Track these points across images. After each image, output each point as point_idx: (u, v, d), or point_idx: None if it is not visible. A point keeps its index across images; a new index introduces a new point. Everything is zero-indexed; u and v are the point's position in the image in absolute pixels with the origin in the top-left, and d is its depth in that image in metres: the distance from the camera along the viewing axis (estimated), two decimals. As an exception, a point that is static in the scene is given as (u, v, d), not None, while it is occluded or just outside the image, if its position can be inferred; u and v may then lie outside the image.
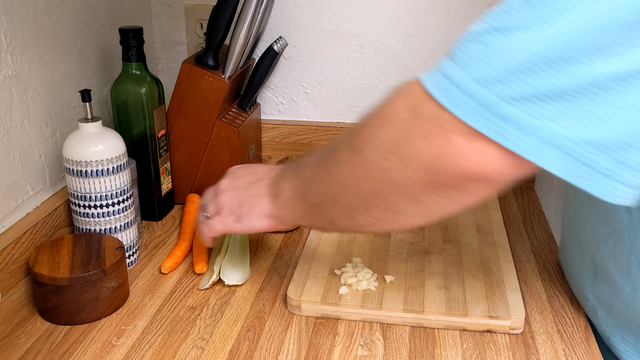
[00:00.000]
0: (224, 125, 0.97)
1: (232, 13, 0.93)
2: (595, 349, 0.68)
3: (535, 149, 0.43)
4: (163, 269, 0.81)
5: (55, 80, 0.85)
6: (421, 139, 0.48)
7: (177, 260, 0.83)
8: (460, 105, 0.45)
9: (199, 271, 0.81)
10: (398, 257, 0.82)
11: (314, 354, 0.67)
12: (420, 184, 0.50)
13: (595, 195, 0.44)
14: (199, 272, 0.81)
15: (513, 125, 0.43)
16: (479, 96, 0.44)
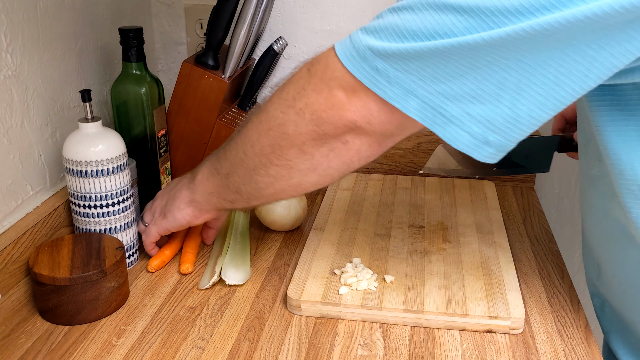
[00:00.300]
0: (224, 125, 0.97)
1: (232, 13, 0.93)
2: (595, 349, 0.68)
3: (400, 97, 0.53)
4: (150, 268, 0.81)
5: (55, 80, 0.85)
6: (312, 93, 0.56)
7: (165, 259, 0.83)
8: (349, 57, 0.53)
9: (184, 271, 0.81)
10: (398, 257, 0.83)
11: (314, 354, 0.67)
12: (309, 135, 0.58)
13: (446, 141, 0.53)
14: (184, 272, 0.81)
15: (384, 77, 0.52)
16: (362, 50, 0.53)
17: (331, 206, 0.98)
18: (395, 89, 0.52)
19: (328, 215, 0.95)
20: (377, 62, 0.52)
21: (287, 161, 0.61)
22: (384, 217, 0.94)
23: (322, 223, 0.92)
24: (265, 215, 0.91)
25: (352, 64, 0.53)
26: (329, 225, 0.92)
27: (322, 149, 0.58)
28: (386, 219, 0.93)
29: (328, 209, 0.97)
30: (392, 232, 0.90)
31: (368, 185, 1.06)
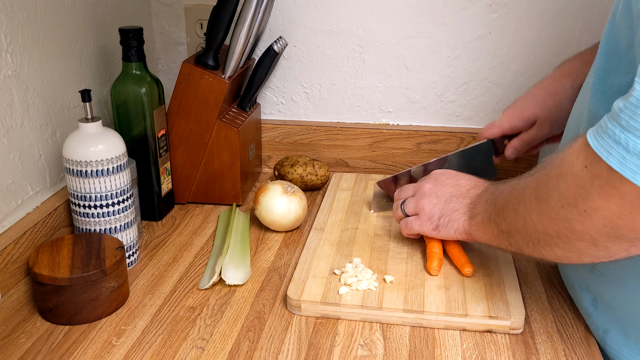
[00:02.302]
0: (224, 125, 0.97)
1: (232, 13, 0.93)
2: (595, 349, 0.68)
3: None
4: (432, 271, 0.78)
5: (55, 80, 0.85)
6: (598, 197, 0.52)
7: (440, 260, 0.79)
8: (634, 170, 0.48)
9: (467, 274, 0.78)
10: (398, 257, 0.83)
11: (314, 354, 0.67)
12: (602, 235, 0.54)
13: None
14: (467, 274, 0.78)
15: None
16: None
17: (331, 206, 0.98)
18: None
19: (328, 215, 0.95)
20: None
21: (577, 249, 0.57)
22: (384, 217, 0.94)
23: (322, 223, 0.92)
24: (265, 215, 0.91)
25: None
26: (329, 225, 0.92)
27: (620, 244, 0.54)
28: (386, 219, 0.93)
29: (328, 209, 0.97)
30: (392, 232, 0.90)
31: (368, 185, 1.06)
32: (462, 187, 0.77)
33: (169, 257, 0.86)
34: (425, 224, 0.79)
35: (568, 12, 1.01)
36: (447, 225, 0.76)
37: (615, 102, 0.51)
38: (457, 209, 0.76)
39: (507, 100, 1.09)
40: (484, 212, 0.70)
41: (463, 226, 0.75)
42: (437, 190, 0.79)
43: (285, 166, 1.05)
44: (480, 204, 0.72)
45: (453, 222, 0.76)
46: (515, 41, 1.05)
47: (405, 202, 0.82)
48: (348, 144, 1.13)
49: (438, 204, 0.78)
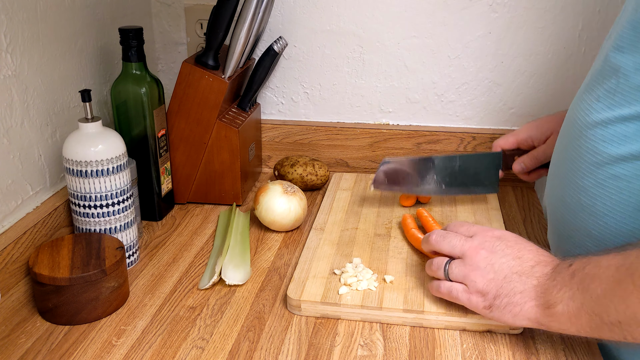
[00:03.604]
0: (224, 125, 0.97)
1: (232, 13, 0.93)
2: (595, 349, 0.68)
3: None
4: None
5: (55, 80, 0.85)
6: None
7: None
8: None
9: None
10: (398, 257, 0.83)
11: (314, 354, 0.67)
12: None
13: None
14: None
15: None
16: None
17: (331, 206, 0.98)
18: None
19: (328, 215, 0.95)
20: None
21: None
22: (384, 217, 0.94)
23: (322, 223, 0.92)
24: (265, 215, 0.91)
25: None
26: (329, 225, 0.92)
27: None
28: (386, 219, 0.93)
29: (328, 209, 0.97)
30: (392, 232, 0.90)
31: (368, 185, 1.06)
32: (524, 261, 0.65)
33: (169, 257, 0.86)
34: (475, 300, 0.67)
35: (569, 11, 1.01)
36: (504, 308, 0.64)
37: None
38: (520, 292, 0.64)
39: (507, 100, 1.09)
40: (569, 300, 0.59)
41: (528, 313, 0.63)
42: (494, 261, 0.66)
43: (285, 166, 1.05)
44: (557, 288, 0.61)
45: (513, 306, 0.64)
46: (515, 41, 1.05)
47: (451, 264, 0.69)
48: (348, 144, 1.13)
49: (495, 280, 0.65)
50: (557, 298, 0.60)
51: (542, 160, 0.91)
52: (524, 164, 0.92)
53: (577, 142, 0.67)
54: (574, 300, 0.59)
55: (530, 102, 1.08)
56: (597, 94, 0.65)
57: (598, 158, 0.64)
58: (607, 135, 0.63)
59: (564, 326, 0.61)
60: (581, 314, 0.58)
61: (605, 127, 0.63)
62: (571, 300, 0.59)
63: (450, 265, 0.69)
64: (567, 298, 0.59)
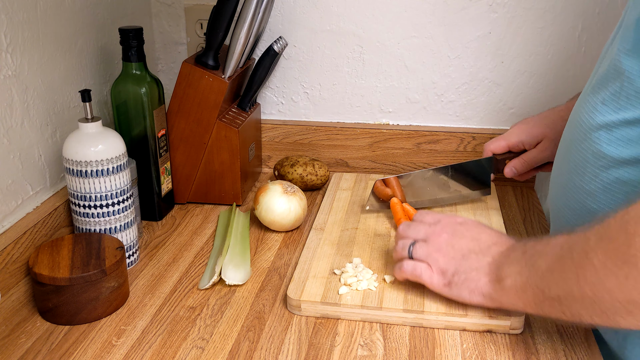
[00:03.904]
0: (224, 125, 0.97)
1: (232, 13, 0.93)
2: (595, 349, 0.68)
3: None
4: None
5: (55, 80, 0.85)
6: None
7: None
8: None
9: None
10: (398, 257, 0.83)
11: (314, 354, 0.67)
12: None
13: None
14: None
15: None
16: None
17: (331, 206, 0.98)
18: None
19: (328, 215, 0.95)
20: None
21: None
22: (384, 217, 0.94)
23: (322, 223, 0.92)
24: (265, 215, 0.91)
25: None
26: (329, 225, 0.92)
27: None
28: (386, 219, 0.93)
29: (328, 209, 0.97)
30: (392, 232, 0.90)
31: (368, 185, 1.06)
32: (482, 242, 0.70)
33: (169, 257, 0.86)
34: (436, 279, 0.70)
35: (569, 12, 1.01)
36: (461, 285, 0.68)
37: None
38: (476, 268, 0.68)
39: (507, 100, 1.09)
40: (517, 275, 0.63)
41: (482, 288, 0.67)
42: (454, 242, 0.71)
43: (285, 166, 1.05)
44: (508, 264, 0.64)
45: (469, 281, 0.68)
46: (515, 41, 1.05)
47: (415, 245, 0.73)
48: (348, 144, 1.13)
49: (454, 258, 0.70)
50: (507, 273, 0.64)
51: (533, 165, 0.91)
52: (515, 169, 0.92)
53: (582, 145, 0.67)
54: (521, 275, 0.62)
55: (530, 102, 1.08)
56: (603, 96, 0.64)
57: (603, 161, 0.64)
58: (612, 138, 0.63)
59: (512, 300, 0.64)
60: (527, 288, 0.61)
61: (610, 131, 0.63)
62: (519, 275, 0.62)
63: (415, 246, 0.73)
64: (515, 273, 0.63)
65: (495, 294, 0.66)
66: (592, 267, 0.54)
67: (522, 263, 0.63)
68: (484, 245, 0.69)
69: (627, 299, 0.52)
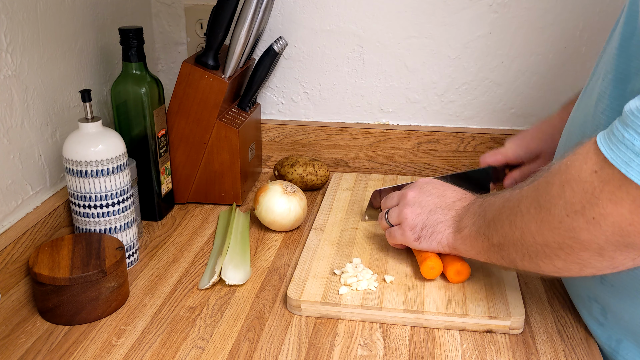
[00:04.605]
0: (224, 125, 0.97)
1: (232, 13, 0.93)
2: (595, 349, 0.68)
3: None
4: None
5: (55, 80, 0.85)
6: (609, 203, 0.49)
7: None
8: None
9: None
10: (398, 257, 0.82)
11: (314, 354, 0.67)
12: (610, 243, 0.51)
13: None
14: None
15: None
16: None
17: (331, 206, 0.98)
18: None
19: (328, 215, 0.95)
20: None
21: (580, 260, 0.55)
22: (384, 217, 0.94)
23: (322, 223, 0.92)
24: (265, 215, 0.91)
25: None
26: (329, 225, 0.92)
27: (628, 254, 0.52)
28: None
29: (328, 209, 0.97)
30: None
31: (368, 185, 1.06)
32: (447, 198, 0.75)
33: (169, 257, 0.86)
34: (407, 234, 0.76)
35: (569, 11, 1.01)
36: (429, 237, 0.74)
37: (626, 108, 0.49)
38: (442, 221, 0.73)
39: (507, 100, 1.09)
40: (472, 225, 0.69)
41: (447, 239, 0.73)
42: (422, 199, 0.76)
43: (285, 166, 1.05)
44: (467, 216, 0.70)
45: (436, 234, 0.73)
46: (516, 41, 1.05)
47: (389, 211, 0.79)
48: (348, 144, 1.13)
49: (421, 214, 0.75)
50: (465, 224, 0.70)
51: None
52: (514, 181, 0.91)
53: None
54: (475, 225, 0.68)
55: (530, 102, 1.08)
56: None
57: None
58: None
59: (468, 248, 0.70)
60: (478, 236, 0.67)
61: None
62: (473, 225, 0.68)
63: (389, 212, 0.79)
64: (471, 224, 0.69)
65: (456, 243, 0.72)
66: (521, 213, 0.59)
67: (476, 214, 0.68)
68: (450, 201, 0.75)
69: (544, 242, 0.57)
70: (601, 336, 0.69)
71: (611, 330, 0.67)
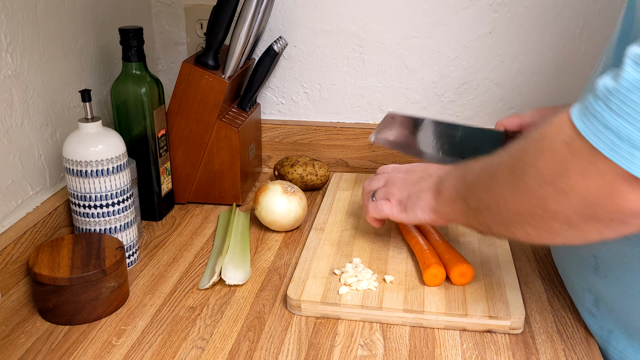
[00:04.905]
0: (224, 125, 0.97)
1: (232, 13, 0.93)
2: (595, 349, 0.68)
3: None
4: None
5: (55, 80, 0.85)
6: (578, 175, 0.50)
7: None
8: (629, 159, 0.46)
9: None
10: (398, 257, 0.82)
11: (314, 354, 0.67)
12: (578, 215, 0.52)
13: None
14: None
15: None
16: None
17: (331, 206, 0.98)
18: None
19: (328, 215, 0.95)
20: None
21: (549, 229, 0.56)
22: (384, 217, 0.94)
23: (322, 223, 0.92)
24: (265, 215, 0.91)
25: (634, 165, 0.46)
26: (329, 225, 0.92)
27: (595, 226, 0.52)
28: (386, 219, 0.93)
29: (328, 209, 0.97)
30: (392, 232, 0.90)
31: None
32: (430, 172, 0.77)
33: (169, 257, 0.86)
34: (395, 208, 0.77)
35: (569, 10, 1.01)
36: (414, 205, 0.75)
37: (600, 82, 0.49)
38: (424, 189, 0.75)
39: (507, 100, 1.09)
40: (452, 187, 0.69)
41: (429, 203, 0.73)
42: (407, 177, 0.79)
43: (285, 166, 1.05)
44: (448, 179, 0.71)
45: (420, 201, 0.74)
46: (516, 40, 1.05)
47: (376, 193, 0.81)
48: (348, 144, 1.13)
49: (407, 187, 0.77)
50: (445, 185, 0.71)
51: None
52: None
53: None
54: (454, 187, 0.69)
55: (530, 102, 1.08)
56: None
57: None
58: None
59: (447, 210, 0.70)
60: (457, 199, 0.68)
61: None
62: (453, 187, 0.69)
63: (377, 193, 0.81)
64: (451, 186, 0.70)
65: (437, 206, 0.72)
66: (497, 179, 0.59)
67: (457, 177, 0.69)
68: (432, 172, 0.76)
69: (516, 209, 0.57)
70: (593, 326, 0.70)
71: (602, 320, 0.68)
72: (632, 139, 0.46)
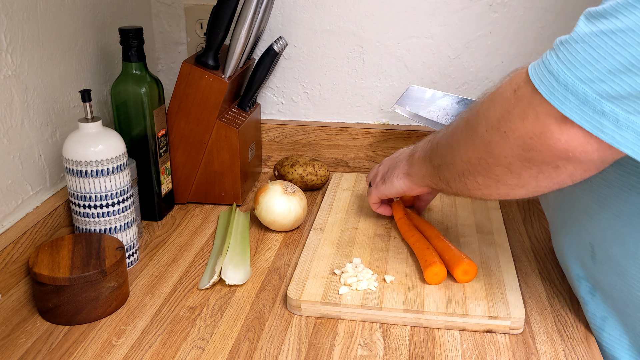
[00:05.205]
0: (224, 125, 0.97)
1: (232, 13, 0.93)
2: (595, 349, 0.68)
3: (631, 142, 0.48)
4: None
5: (55, 80, 0.85)
6: (517, 119, 0.54)
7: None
8: (562, 100, 0.50)
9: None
10: (398, 257, 0.83)
11: (314, 354, 0.67)
12: (516, 158, 0.56)
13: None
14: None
15: (611, 121, 0.48)
16: (581, 94, 0.49)
17: (331, 206, 0.98)
18: (627, 134, 0.48)
19: (328, 215, 0.95)
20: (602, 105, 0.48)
21: (495, 175, 0.60)
22: (384, 217, 0.94)
23: (322, 223, 0.92)
24: (265, 215, 0.91)
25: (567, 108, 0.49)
26: (329, 225, 0.92)
27: (530, 171, 0.56)
28: (386, 219, 0.93)
29: (328, 209, 0.97)
30: (392, 232, 0.90)
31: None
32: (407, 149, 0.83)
33: (169, 257, 0.86)
34: (379, 184, 0.85)
35: (569, 11, 1.01)
36: (392, 175, 0.81)
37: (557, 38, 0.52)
38: (402, 159, 0.81)
39: (507, 100, 1.09)
40: (421, 150, 0.75)
41: (404, 168, 0.79)
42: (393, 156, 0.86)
43: (285, 166, 1.05)
44: (421, 143, 0.77)
45: (396, 169, 0.81)
46: (516, 40, 1.05)
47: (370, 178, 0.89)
48: (348, 144, 1.13)
49: (389, 162, 0.85)
50: (417, 148, 0.77)
51: None
52: None
53: None
54: (423, 149, 0.75)
55: (530, 102, 1.08)
56: None
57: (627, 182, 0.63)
58: None
59: (416, 171, 0.76)
60: (425, 160, 0.74)
61: None
62: (422, 149, 0.75)
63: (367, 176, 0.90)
64: (421, 148, 0.76)
65: (409, 169, 0.78)
66: (455, 134, 0.65)
67: (427, 141, 0.75)
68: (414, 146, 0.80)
69: (467, 159, 0.62)
70: (587, 313, 0.70)
71: (597, 308, 0.68)
72: (567, 84, 0.49)
